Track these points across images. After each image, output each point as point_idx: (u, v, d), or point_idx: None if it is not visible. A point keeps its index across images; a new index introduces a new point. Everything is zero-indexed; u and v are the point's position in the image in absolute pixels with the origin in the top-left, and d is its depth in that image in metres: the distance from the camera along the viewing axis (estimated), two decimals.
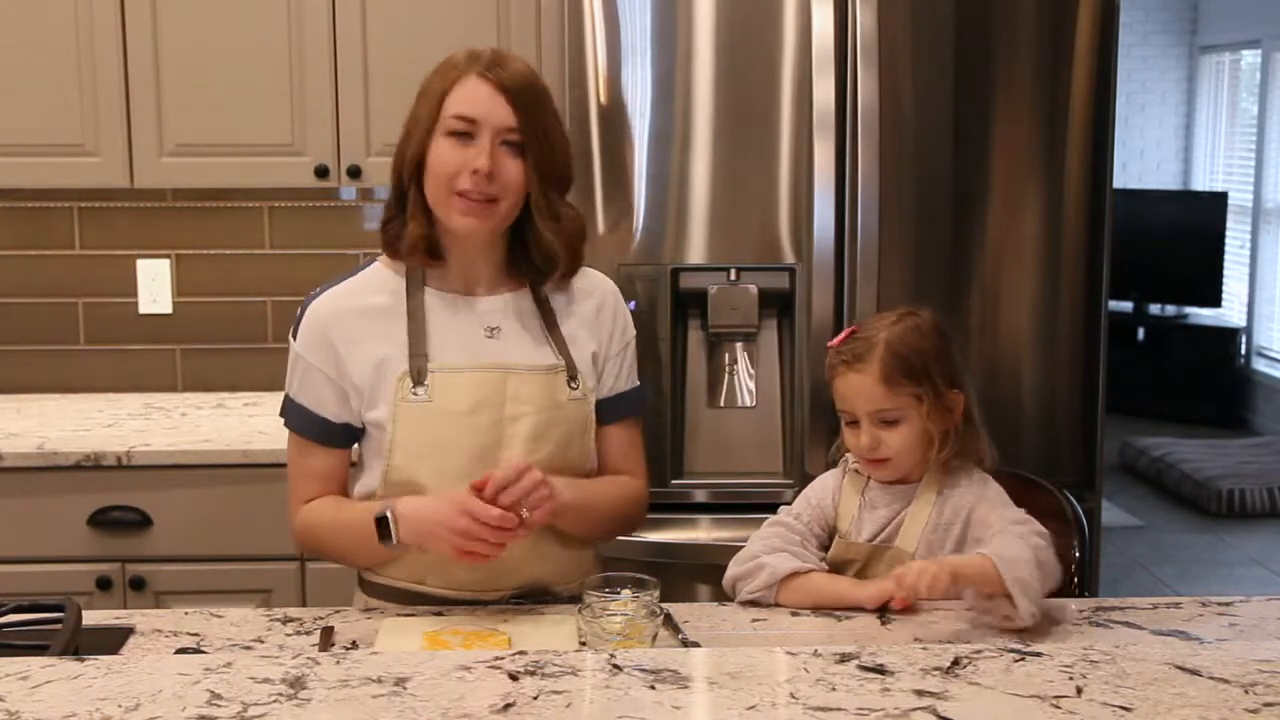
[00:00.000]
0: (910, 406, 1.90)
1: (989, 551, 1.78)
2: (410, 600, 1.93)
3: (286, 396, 1.98)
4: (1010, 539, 1.82)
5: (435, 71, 1.93)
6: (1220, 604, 1.91)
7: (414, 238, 1.92)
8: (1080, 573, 2.09)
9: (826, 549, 1.98)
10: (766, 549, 1.93)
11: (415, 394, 1.88)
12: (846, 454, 2.02)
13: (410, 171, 1.91)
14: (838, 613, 1.85)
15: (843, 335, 1.97)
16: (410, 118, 1.94)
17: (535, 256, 1.96)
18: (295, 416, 1.97)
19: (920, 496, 1.93)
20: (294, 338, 1.96)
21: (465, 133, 1.87)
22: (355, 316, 1.93)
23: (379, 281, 1.97)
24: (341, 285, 1.98)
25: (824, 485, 2.03)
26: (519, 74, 1.90)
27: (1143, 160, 8.47)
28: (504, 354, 1.93)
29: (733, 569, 1.95)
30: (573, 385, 1.96)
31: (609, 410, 2.02)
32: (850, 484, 2.00)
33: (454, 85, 1.88)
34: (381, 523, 1.84)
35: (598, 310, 2.03)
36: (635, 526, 2.10)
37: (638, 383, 2.08)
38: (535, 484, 1.80)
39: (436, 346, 1.92)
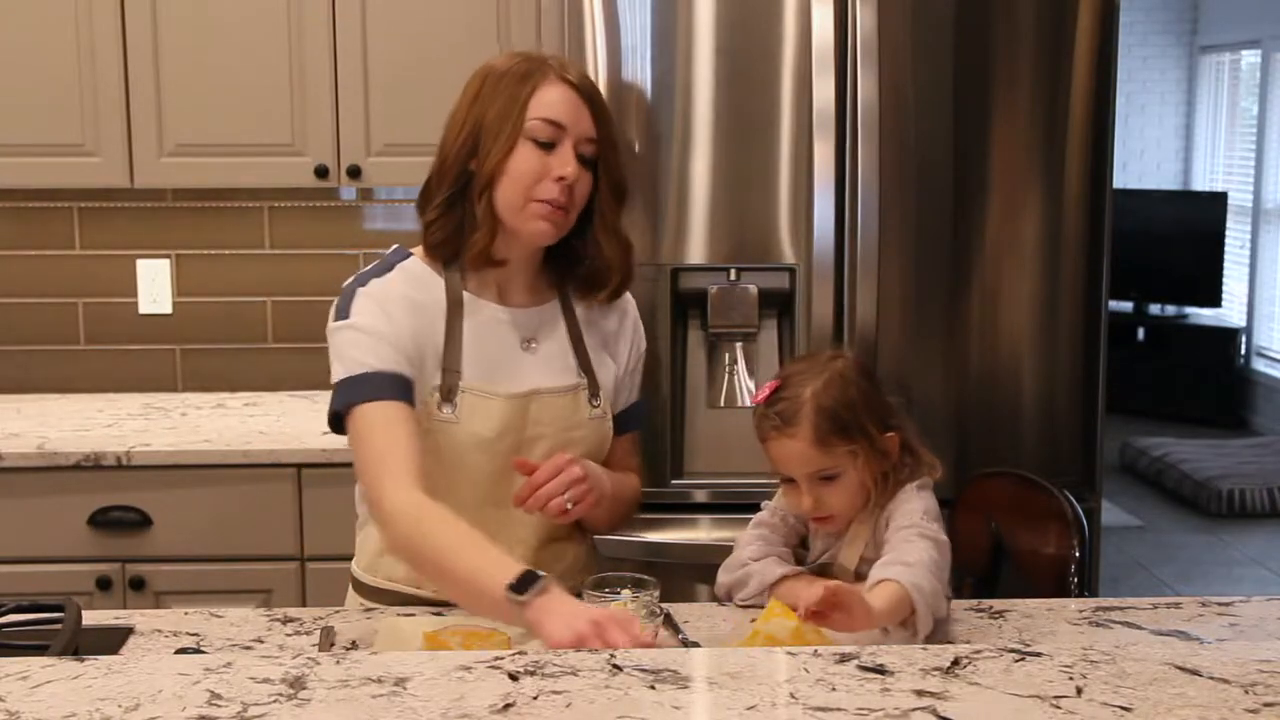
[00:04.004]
0: (846, 461, 1.85)
1: (896, 576, 1.74)
2: (405, 604, 1.93)
3: (343, 381, 1.80)
4: (907, 547, 1.79)
5: (504, 75, 1.84)
6: (1220, 604, 1.91)
7: (482, 246, 1.85)
8: (1080, 573, 2.09)
9: (805, 544, 1.98)
10: (755, 554, 1.92)
11: (442, 412, 1.85)
12: None
13: (485, 181, 1.84)
14: None
15: (767, 391, 1.90)
16: (470, 120, 1.85)
17: (587, 270, 1.93)
18: (368, 386, 1.78)
19: (861, 516, 1.91)
20: (345, 316, 1.83)
21: (549, 141, 1.82)
22: (409, 307, 1.86)
23: (423, 277, 1.89)
24: (389, 276, 1.88)
25: None
26: (591, 81, 1.88)
27: (1143, 160, 8.47)
28: (534, 374, 1.91)
29: (723, 576, 1.94)
30: (594, 404, 1.95)
31: (620, 424, 2.02)
32: None
33: (538, 88, 1.83)
34: (529, 578, 1.62)
35: (619, 326, 2.02)
36: (629, 523, 2.12)
37: (640, 395, 2.09)
38: (574, 480, 1.82)
39: (471, 360, 1.87)
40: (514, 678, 1.34)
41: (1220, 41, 8.20)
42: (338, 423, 1.84)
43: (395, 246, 1.96)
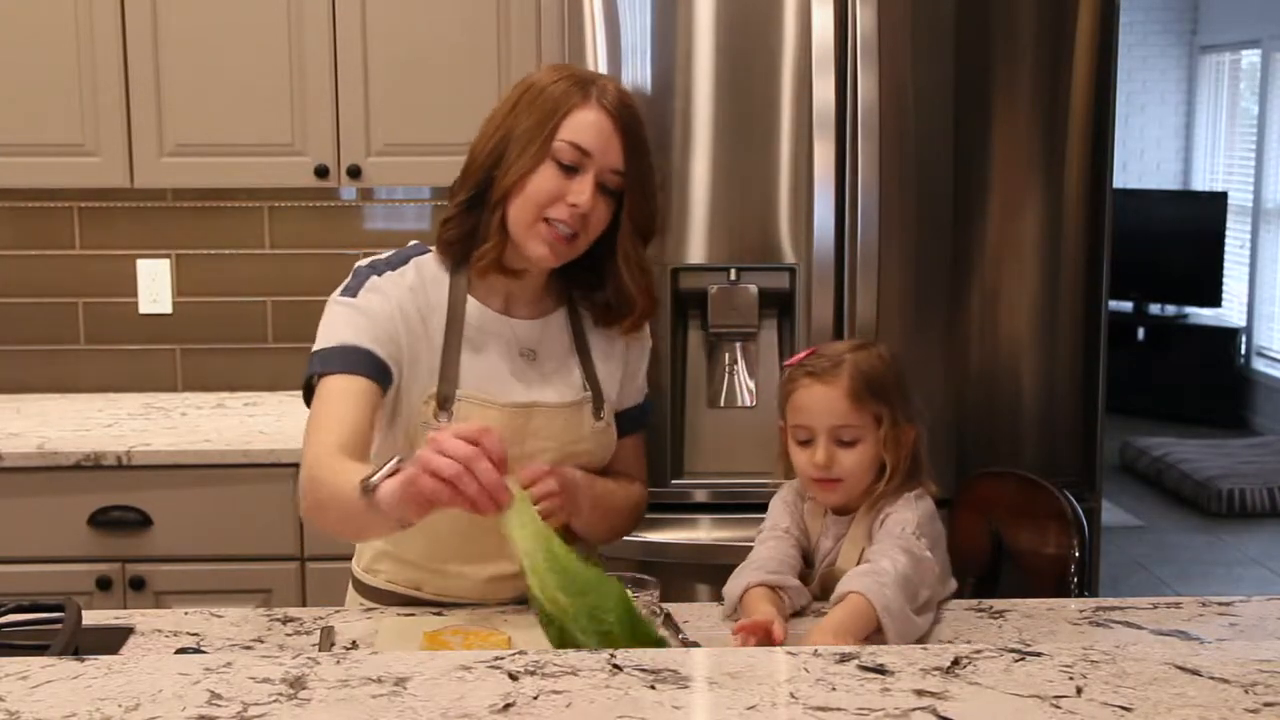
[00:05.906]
0: (869, 428, 1.87)
1: (863, 590, 1.73)
2: (404, 604, 1.92)
3: (319, 351, 1.81)
4: (879, 559, 1.79)
5: (543, 91, 1.83)
6: (1220, 604, 1.91)
7: (491, 258, 1.85)
8: (1080, 573, 2.09)
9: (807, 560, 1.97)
10: (757, 557, 1.90)
11: (438, 421, 1.82)
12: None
13: (502, 193, 1.83)
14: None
15: (802, 354, 1.94)
16: (502, 129, 1.84)
17: (607, 302, 1.92)
18: (340, 359, 1.78)
19: (860, 519, 1.91)
20: (351, 294, 1.83)
21: (572, 165, 1.80)
22: (413, 306, 1.85)
23: (433, 277, 1.89)
24: (403, 270, 1.87)
25: (792, 499, 1.99)
26: (633, 112, 1.84)
27: (1143, 160, 8.47)
28: (534, 387, 1.89)
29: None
30: (599, 416, 1.94)
31: (622, 425, 2.01)
32: (810, 509, 1.97)
33: (573, 111, 1.80)
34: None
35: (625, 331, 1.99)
36: (633, 529, 2.10)
37: (646, 391, 2.07)
38: (548, 494, 1.78)
39: (469, 369, 1.86)
40: (514, 677, 1.34)
41: (1220, 41, 8.20)
42: (309, 395, 1.82)
43: (414, 243, 1.95)
